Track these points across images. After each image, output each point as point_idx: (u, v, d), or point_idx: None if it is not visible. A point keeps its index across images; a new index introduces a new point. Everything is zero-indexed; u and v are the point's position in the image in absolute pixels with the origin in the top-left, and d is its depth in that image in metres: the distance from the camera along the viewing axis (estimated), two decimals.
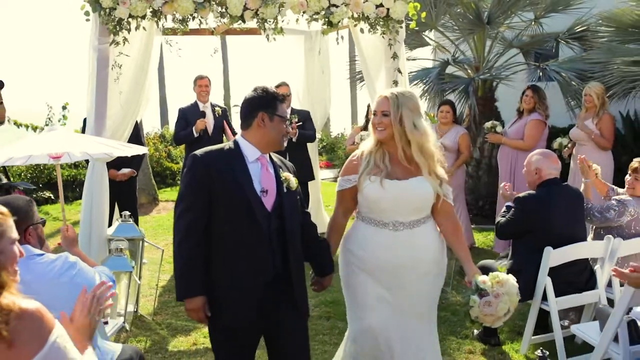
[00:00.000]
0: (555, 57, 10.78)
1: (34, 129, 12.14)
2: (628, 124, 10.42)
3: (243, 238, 3.18)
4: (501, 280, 3.45)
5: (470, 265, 3.60)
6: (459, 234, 3.68)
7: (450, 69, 10.55)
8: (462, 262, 3.64)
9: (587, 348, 4.30)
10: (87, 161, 6.39)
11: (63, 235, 3.69)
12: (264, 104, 3.28)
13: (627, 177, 4.89)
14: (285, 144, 3.37)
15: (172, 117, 21.50)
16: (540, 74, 9.51)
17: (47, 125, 12.23)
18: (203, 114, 7.45)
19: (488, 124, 7.98)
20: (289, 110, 7.60)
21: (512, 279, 3.49)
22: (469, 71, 10.24)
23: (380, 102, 3.53)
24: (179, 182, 14.54)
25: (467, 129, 9.36)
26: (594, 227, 5.08)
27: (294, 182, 3.37)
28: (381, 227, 3.54)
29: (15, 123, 9.65)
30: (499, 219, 4.92)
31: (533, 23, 10.11)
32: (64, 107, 12.44)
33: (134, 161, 6.93)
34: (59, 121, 12.43)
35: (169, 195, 12.99)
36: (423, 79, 9.73)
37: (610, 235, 4.62)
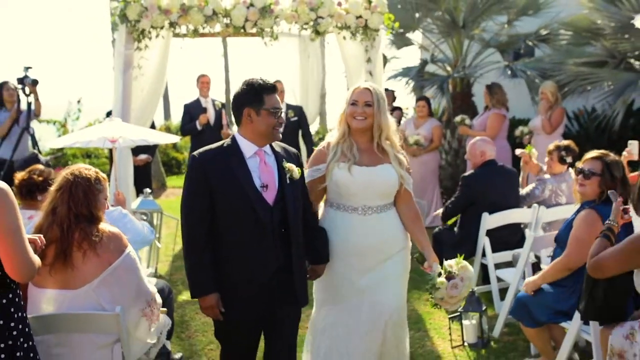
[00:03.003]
0: (532, 56, 11.91)
1: (53, 123, 13.33)
2: (592, 117, 11.56)
3: (246, 234, 3.26)
4: (464, 265, 3.62)
5: (430, 251, 3.71)
6: (418, 221, 3.83)
7: (432, 67, 11.69)
8: (422, 249, 3.73)
9: None
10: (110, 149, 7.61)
11: (115, 198, 4.90)
12: (249, 99, 3.28)
13: (546, 159, 6.04)
14: (279, 135, 3.38)
15: (174, 112, 22.65)
16: (509, 72, 10.64)
17: (65, 119, 13.45)
18: (205, 110, 8.61)
19: (458, 118, 9.14)
20: (283, 106, 8.70)
21: (470, 266, 3.66)
22: (449, 69, 11.36)
23: (362, 93, 3.66)
24: (184, 170, 15.78)
25: (447, 122, 10.56)
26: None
27: (296, 172, 3.39)
28: (350, 211, 3.71)
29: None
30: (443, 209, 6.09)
31: (506, 26, 11.22)
32: (78, 102, 13.65)
33: (150, 149, 8.10)
34: (74, 114, 13.65)
35: (175, 182, 14.16)
36: (404, 76, 10.85)
37: (536, 204, 5.78)
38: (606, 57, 9.27)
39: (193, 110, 8.60)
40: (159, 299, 3.53)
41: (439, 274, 3.57)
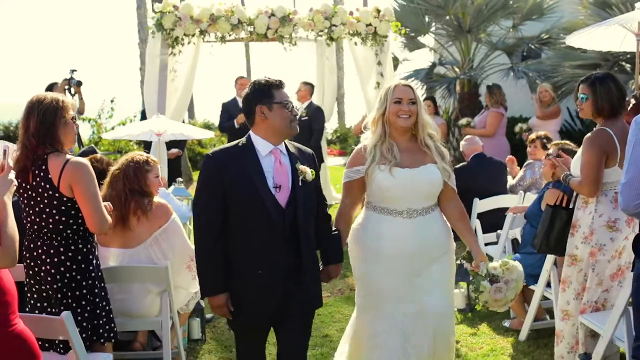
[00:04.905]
0: (538, 58, 12.61)
1: (88, 120, 14.27)
2: None
3: (257, 235, 3.22)
4: (510, 267, 3.50)
5: (477, 249, 3.62)
6: (464, 219, 3.74)
7: (441, 69, 12.44)
8: (470, 246, 3.65)
9: None
10: (143, 145, 8.55)
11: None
12: (259, 96, 3.26)
13: (528, 149, 6.81)
14: (296, 128, 3.34)
15: (198, 111, 23.68)
16: (512, 73, 11.37)
17: (99, 116, 14.42)
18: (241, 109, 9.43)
19: (463, 121, 9.90)
20: (304, 105, 9.16)
21: (519, 266, 3.56)
22: (457, 70, 12.10)
23: (406, 91, 3.55)
24: None
25: (455, 119, 11.34)
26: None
27: (310, 174, 3.32)
28: (395, 215, 3.57)
29: None
30: None
31: (511, 30, 11.94)
32: (111, 101, 14.61)
33: (180, 143, 8.98)
34: (107, 112, 14.60)
35: None
36: (414, 78, 11.63)
37: (522, 191, 6.54)
38: (600, 60, 9.97)
39: (231, 108, 9.48)
40: None
41: (485, 276, 3.49)
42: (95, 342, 3.63)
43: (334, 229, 3.62)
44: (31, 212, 3.50)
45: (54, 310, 3.54)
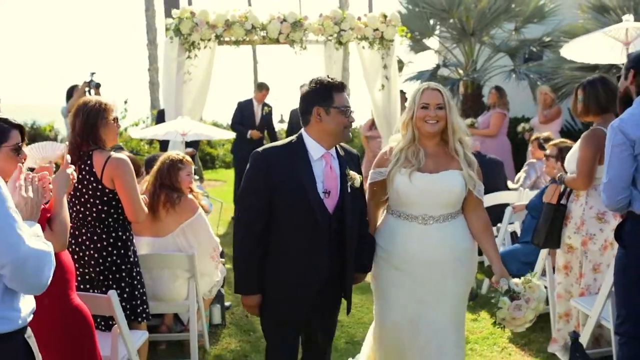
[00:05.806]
0: (540, 60, 12.97)
1: None
2: None
3: (303, 240, 3.17)
4: (533, 285, 3.37)
5: (499, 265, 3.49)
6: (487, 231, 3.58)
7: (445, 71, 12.82)
8: (491, 261, 3.53)
9: None
10: (160, 143, 8.99)
11: None
12: (318, 97, 3.16)
13: (530, 148, 7.20)
14: (349, 135, 3.24)
15: (206, 111, 24.07)
16: (514, 75, 11.75)
17: None
18: (254, 114, 9.82)
19: (468, 121, 10.26)
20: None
21: (542, 286, 3.42)
22: (461, 72, 12.47)
23: (433, 95, 3.44)
24: (217, 165, 17.21)
25: None
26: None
27: (358, 180, 3.29)
28: (410, 220, 3.49)
29: None
30: None
31: (513, 33, 12.32)
32: (125, 102, 15.01)
33: (194, 143, 9.37)
34: (120, 113, 14.99)
35: (210, 176, 15.57)
36: (419, 79, 12.03)
37: (521, 187, 6.93)
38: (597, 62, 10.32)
39: (244, 109, 9.88)
40: (220, 248, 4.79)
41: (505, 292, 3.36)
42: (133, 321, 4.03)
43: (369, 236, 3.57)
44: (77, 202, 3.90)
45: (96, 291, 3.93)
